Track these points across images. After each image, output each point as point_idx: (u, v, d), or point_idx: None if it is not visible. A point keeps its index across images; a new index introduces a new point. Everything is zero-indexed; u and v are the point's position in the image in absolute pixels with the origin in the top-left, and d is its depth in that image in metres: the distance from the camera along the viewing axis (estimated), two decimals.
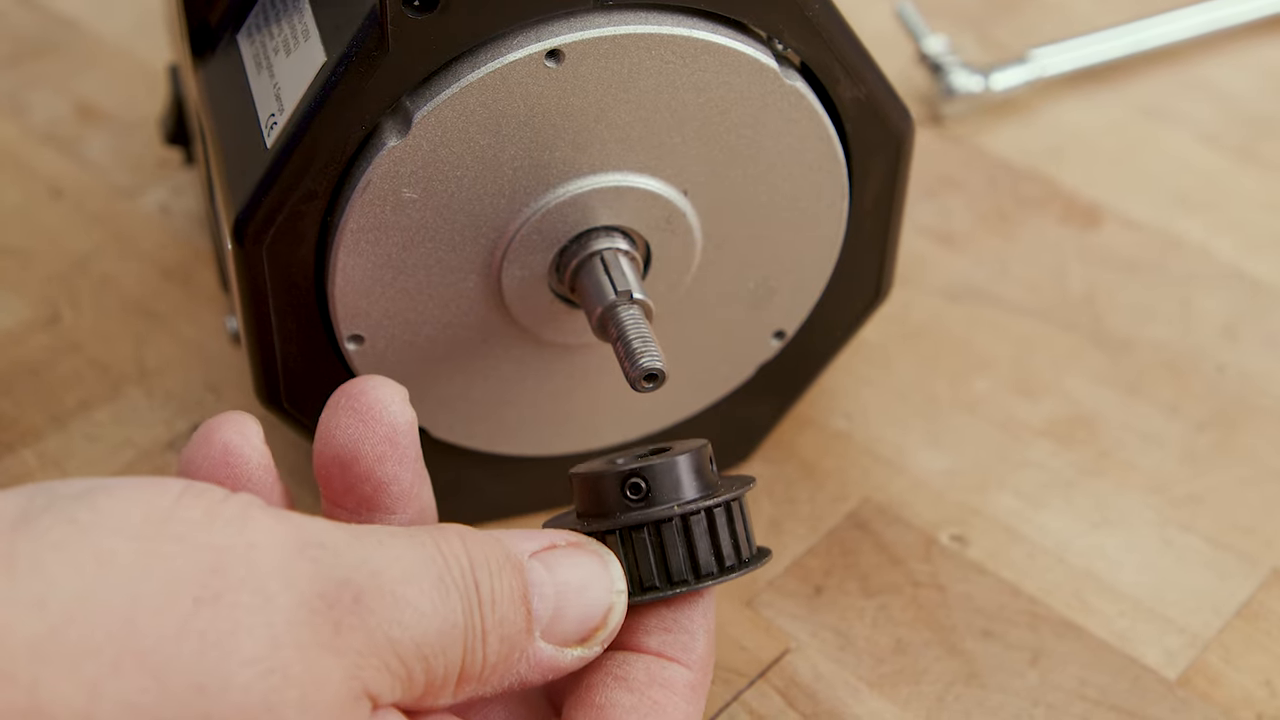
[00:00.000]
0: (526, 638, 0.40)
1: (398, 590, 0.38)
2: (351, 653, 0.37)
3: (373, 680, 0.37)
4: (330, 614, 0.36)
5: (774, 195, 0.52)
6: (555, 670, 0.41)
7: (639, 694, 0.42)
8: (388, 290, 0.49)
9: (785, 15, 0.49)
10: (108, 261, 0.68)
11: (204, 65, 0.53)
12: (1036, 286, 0.67)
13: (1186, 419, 0.62)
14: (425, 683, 0.38)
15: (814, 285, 0.55)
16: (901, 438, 0.61)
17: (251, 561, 0.36)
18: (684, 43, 0.47)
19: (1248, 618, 0.55)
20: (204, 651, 0.34)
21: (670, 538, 0.44)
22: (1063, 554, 0.57)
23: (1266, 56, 0.80)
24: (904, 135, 0.53)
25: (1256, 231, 0.70)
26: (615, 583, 0.42)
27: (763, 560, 0.45)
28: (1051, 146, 0.75)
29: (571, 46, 0.46)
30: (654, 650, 0.44)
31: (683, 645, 0.44)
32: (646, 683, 0.43)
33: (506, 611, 0.40)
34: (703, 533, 0.44)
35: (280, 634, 0.35)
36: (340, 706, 0.36)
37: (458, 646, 0.39)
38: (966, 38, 0.81)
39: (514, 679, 0.41)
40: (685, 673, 0.43)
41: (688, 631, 0.44)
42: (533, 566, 0.41)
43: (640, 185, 0.49)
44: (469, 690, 0.40)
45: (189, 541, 0.35)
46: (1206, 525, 0.58)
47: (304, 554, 0.37)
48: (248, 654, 0.35)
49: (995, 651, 0.54)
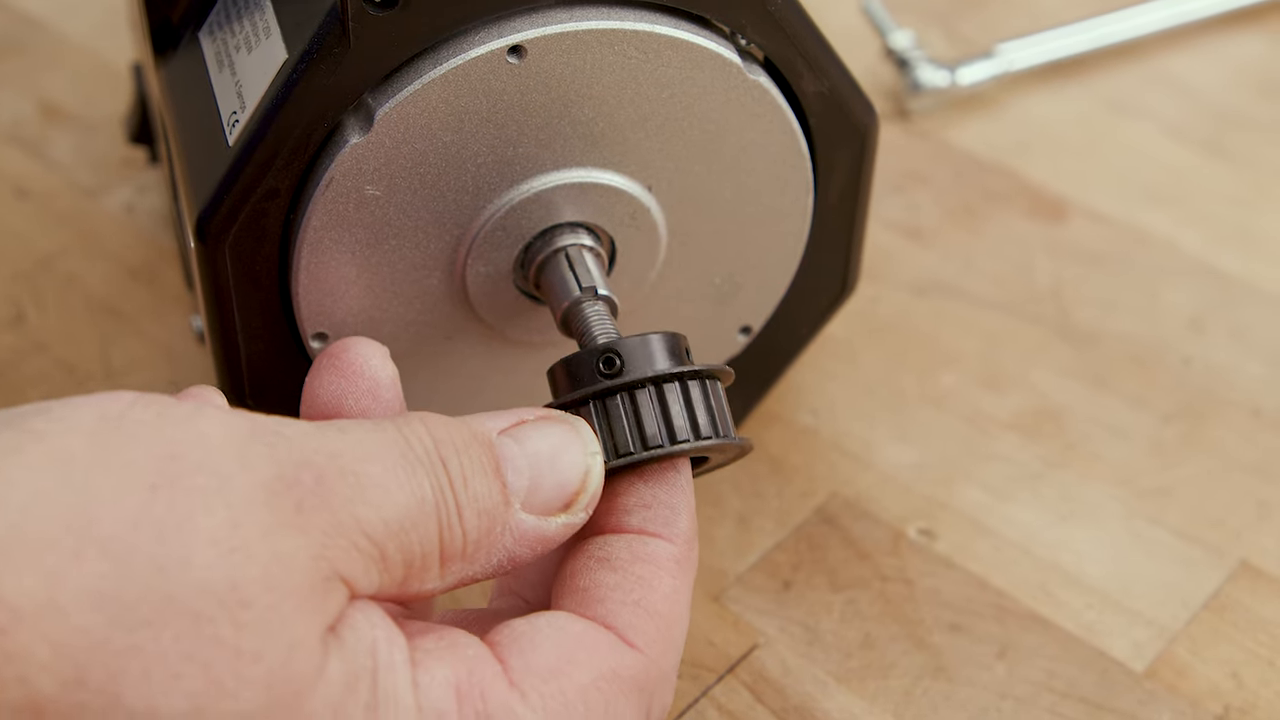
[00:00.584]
0: (505, 510, 0.40)
1: (360, 469, 0.37)
2: (316, 531, 0.36)
3: (343, 562, 0.37)
4: (290, 494, 0.36)
5: (739, 190, 0.52)
6: (542, 541, 0.41)
7: (623, 571, 0.42)
8: (352, 288, 0.49)
9: (748, 10, 0.49)
10: (73, 261, 0.68)
11: (166, 63, 0.53)
12: (1003, 280, 0.68)
13: (1153, 411, 0.62)
14: (403, 563, 0.38)
15: (780, 281, 0.55)
16: (868, 432, 0.61)
17: (206, 448, 0.36)
18: (647, 38, 0.47)
19: (1215, 610, 0.55)
20: (163, 535, 0.34)
21: (645, 403, 0.44)
22: (1030, 547, 0.57)
23: (1232, 50, 0.80)
24: (868, 129, 0.53)
25: (1222, 225, 0.70)
26: (588, 445, 0.42)
27: (740, 442, 0.45)
28: (1018, 141, 0.75)
29: (533, 42, 0.46)
30: (635, 528, 0.43)
31: (664, 520, 0.43)
32: (630, 559, 0.42)
33: (479, 486, 0.39)
34: (677, 400, 0.44)
35: (239, 514, 0.35)
36: (309, 588, 0.36)
37: (431, 522, 0.38)
38: (933, 33, 0.81)
39: (501, 555, 0.40)
40: (669, 547, 0.43)
41: (668, 506, 0.43)
42: (502, 442, 0.41)
43: (604, 181, 0.49)
44: (456, 570, 0.39)
45: (143, 436, 0.36)
46: (1174, 518, 0.58)
47: (259, 439, 0.37)
48: (207, 535, 0.35)
49: (963, 645, 0.54)
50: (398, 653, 0.38)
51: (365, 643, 0.37)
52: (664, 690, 0.42)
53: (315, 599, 0.36)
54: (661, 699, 0.42)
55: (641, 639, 0.41)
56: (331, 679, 0.36)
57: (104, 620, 0.34)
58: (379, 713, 0.37)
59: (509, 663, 0.39)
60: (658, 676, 0.41)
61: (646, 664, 0.41)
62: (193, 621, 0.34)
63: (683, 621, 0.42)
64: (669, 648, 0.42)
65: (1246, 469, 0.60)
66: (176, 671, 0.34)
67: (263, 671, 0.35)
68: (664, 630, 0.42)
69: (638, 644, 0.41)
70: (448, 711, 0.38)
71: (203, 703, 0.34)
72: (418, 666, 0.38)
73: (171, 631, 0.34)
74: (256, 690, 0.35)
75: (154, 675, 0.34)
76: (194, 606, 0.34)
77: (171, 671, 0.34)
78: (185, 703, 0.34)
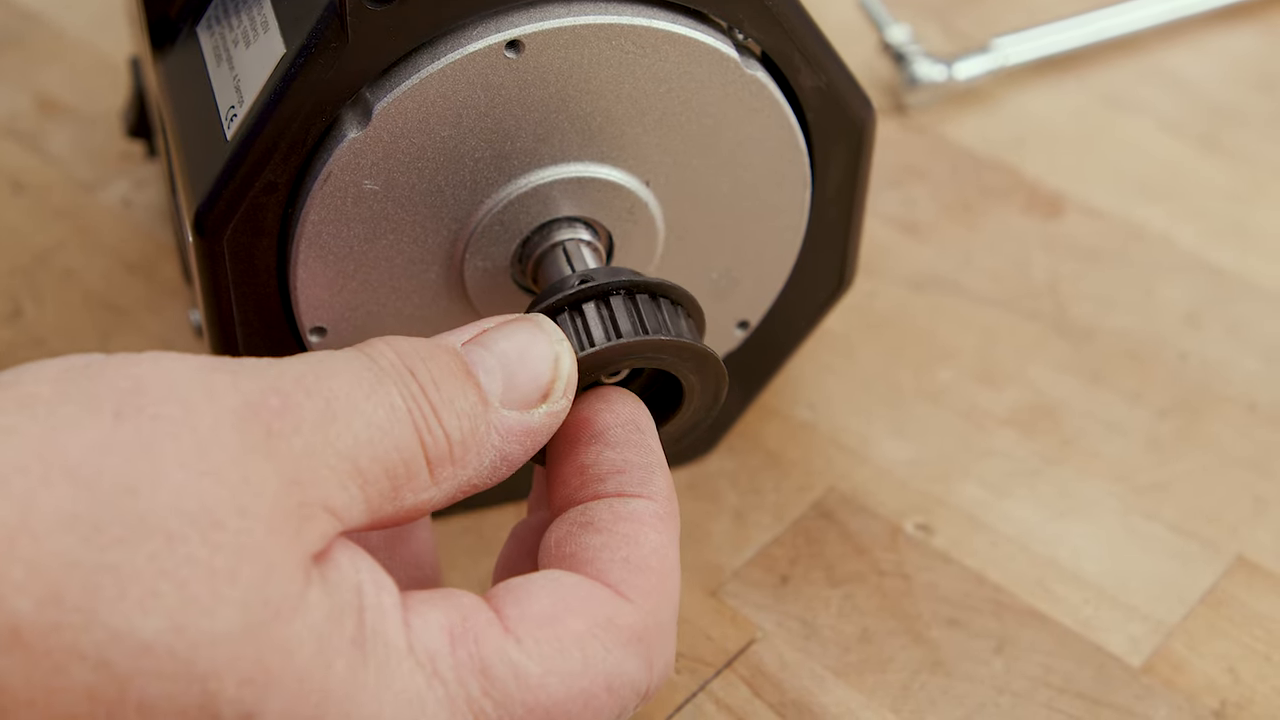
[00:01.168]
0: (485, 409, 0.40)
1: (325, 388, 0.38)
2: (287, 457, 0.36)
3: (318, 486, 0.37)
4: (258, 419, 0.36)
5: (736, 185, 0.52)
6: (529, 433, 0.41)
7: (607, 531, 0.42)
8: (350, 282, 0.49)
9: (745, 5, 0.49)
10: (70, 256, 0.68)
11: (164, 58, 0.53)
12: (1000, 276, 0.68)
13: (1149, 407, 0.62)
14: (384, 474, 0.38)
15: (777, 275, 0.55)
16: (866, 427, 0.61)
17: (170, 381, 0.36)
18: (644, 33, 0.47)
19: (1211, 605, 0.55)
20: (130, 458, 0.35)
21: (619, 306, 0.45)
22: (1027, 542, 0.57)
23: (1228, 45, 0.80)
24: (865, 124, 0.53)
25: (1218, 220, 0.70)
26: (552, 335, 0.42)
27: (710, 350, 0.45)
28: (1014, 136, 0.75)
29: (531, 37, 0.46)
30: (613, 492, 0.43)
31: (640, 480, 0.43)
32: (612, 519, 0.42)
33: (452, 389, 0.40)
34: (649, 305, 0.45)
35: (206, 439, 0.35)
36: (283, 513, 0.36)
37: (406, 429, 0.38)
38: (929, 27, 0.81)
39: (492, 455, 0.40)
40: (649, 504, 0.43)
41: (641, 468, 0.43)
42: (469, 349, 0.41)
43: (602, 176, 0.49)
44: (449, 476, 0.39)
45: (107, 373, 0.36)
46: (1170, 513, 0.58)
47: (222, 370, 0.37)
48: (175, 458, 0.35)
49: (960, 640, 0.54)
50: (386, 595, 0.38)
51: (349, 581, 0.37)
52: (663, 643, 0.42)
53: (291, 524, 0.36)
54: (663, 652, 0.41)
55: (635, 592, 0.41)
56: (313, 608, 0.36)
57: (77, 540, 0.34)
58: (366, 648, 0.37)
59: (504, 612, 0.39)
60: (655, 628, 0.41)
61: (643, 614, 0.41)
62: (166, 540, 0.34)
63: (674, 575, 0.42)
64: (663, 599, 0.42)
65: (1243, 464, 0.60)
66: (152, 589, 0.34)
67: (239, 592, 0.35)
68: (657, 583, 0.42)
69: (631, 596, 0.41)
70: (440, 653, 0.38)
71: (180, 620, 0.34)
72: (409, 610, 0.38)
73: (145, 550, 0.34)
74: (233, 609, 0.35)
75: (130, 593, 0.34)
76: (167, 526, 0.34)
77: (147, 589, 0.34)
78: (163, 620, 0.34)
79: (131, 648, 0.34)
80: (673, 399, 0.47)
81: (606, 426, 0.44)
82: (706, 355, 0.46)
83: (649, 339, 0.45)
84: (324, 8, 0.45)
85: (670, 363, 0.46)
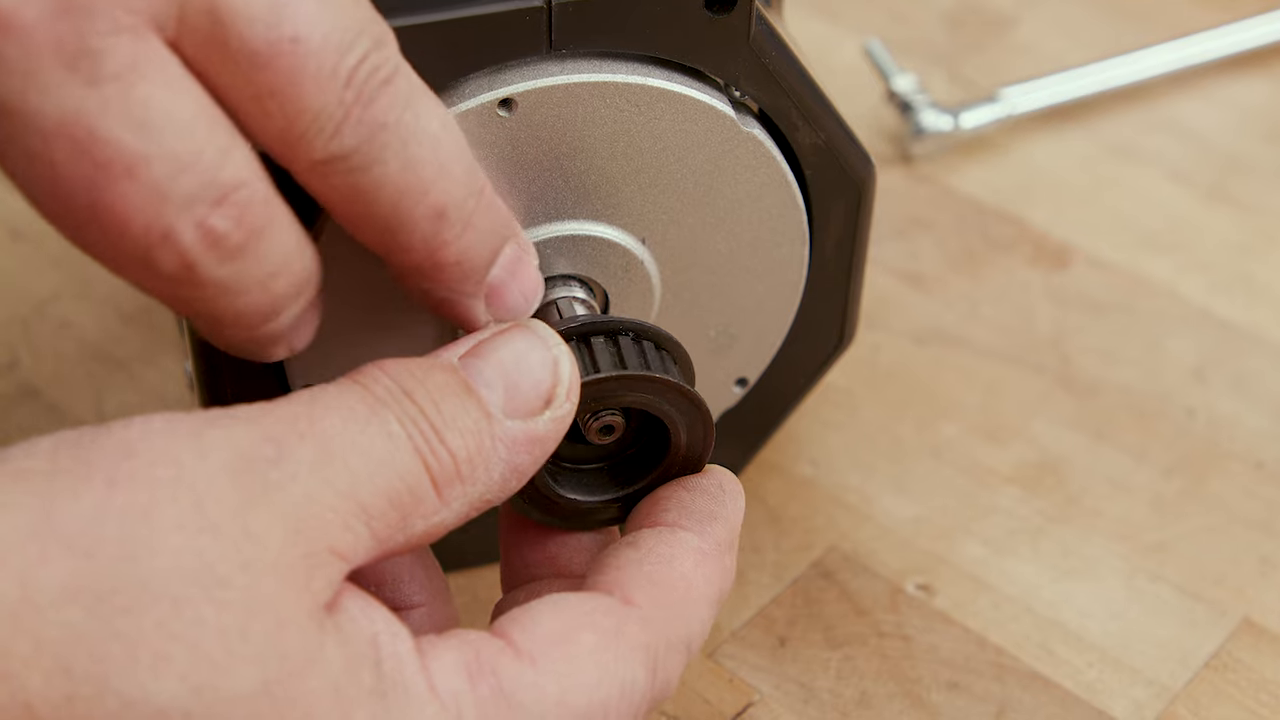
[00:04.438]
0: (489, 422, 0.40)
1: (319, 429, 0.37)
2: (287, 506, 0.36)
3: (322, 532, 0.36)
4: (253, 470, 0.36)
5: (733, 242, 0.51)
6: (536, 442, 0.41)
7: (644, 548, 0.42)
8: (342, 340, 0.48)
9: (742, 62, 0.48)
10: (67, 305, 0.67)
11: None
12: (1005, 328, 0.67)
13: (1155, 465, 0.61)
14: (390, 505, 0.37)
15: (776, 332, 0.54)
16: (867, 484, 0.60)
17: (160, 443, 0.36)
18: (639, 91, 0.47)
19: (1216, 668, 0.54)
20: (127, 525, 0.34)
21: (626, 346, 0.45)
22: (1030, 603, 0.56)
23: (1236, 94, 0.80)
24: (864, 181, 0.52)
25: (1226, 272, 0.70)
26: (549, 339, 0.42)
27: (705, 405, 0.46)
28: (1021, 185, 0.74)
29: (524, 95, 0.46)
30: (668, 523, 0.44)
31: (698, 521, 0.44)
32: (654, 541, 0.43)
33: (454, 407, 0.39)
34: (653, 350, 0.45)
35: (204, 497, 0.35)
36: (290, 565, 0.35)
37: (407, 455, 0.38)
38: (936, 76, 0.80)
39: (501, 467, 0.40)
40: (696, 539, 0.43)
41: (707, 513, 0.44)
42: (466, 363, 0.41)
43: (597, 234, 0.49)
44: (459, 495, 0.39)
45: (98, 442, 0.36)
46: (1175, 574, 0.57)
47: (213, 425, 0.36)
48: (173, 520, 0.35)
49: (961, 704, 0.53)
50: (401, 643, 0.37)
51: (364, 633, 0.37)
52: (668, 659, 0.41)
53: (299, 575, 0.36)
54: (665, 665, 0.41)
55: (643, 598, 0.41)
56: (330, 660, 0.36)
57: (81, 612, 0.34)
58: (388, 698, 0.36)
59: (513, 639, 0.39)
60: (663, 643, 0.41)
61: (651, 624, 0.41)
62: (172, 605, 0.34)
63: (697, 606, 0.42)
64: (676, 620, 0.41)
65: (1249, 524, 0.59)
66: (163, 653, 0.34)
67: (252, 649, 0.35)
68: (673, 600, 0.41)
69: (640, 603, 0.41)
70: (462, 691, 0.37)
71: (197, 682, 0.34)
72: (424, 655, 0.38)
73: (152, 617, 0.34)
74: (249, 667, 0.34)
75: (141, 659, 0.34)
76: (170, 590, 0.34)
77: (158, 654, 0.34)
78: (179, 684, 0.34)
79: (146, 714, 0.34)
80: (655, 455, 0.47)
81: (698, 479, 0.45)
82: (700, 407, 0.46)
83: (654, 376, 0.44)
84: None
85: (663, 408, 0.45)
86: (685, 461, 0.46)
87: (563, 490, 0.46)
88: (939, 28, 0.83)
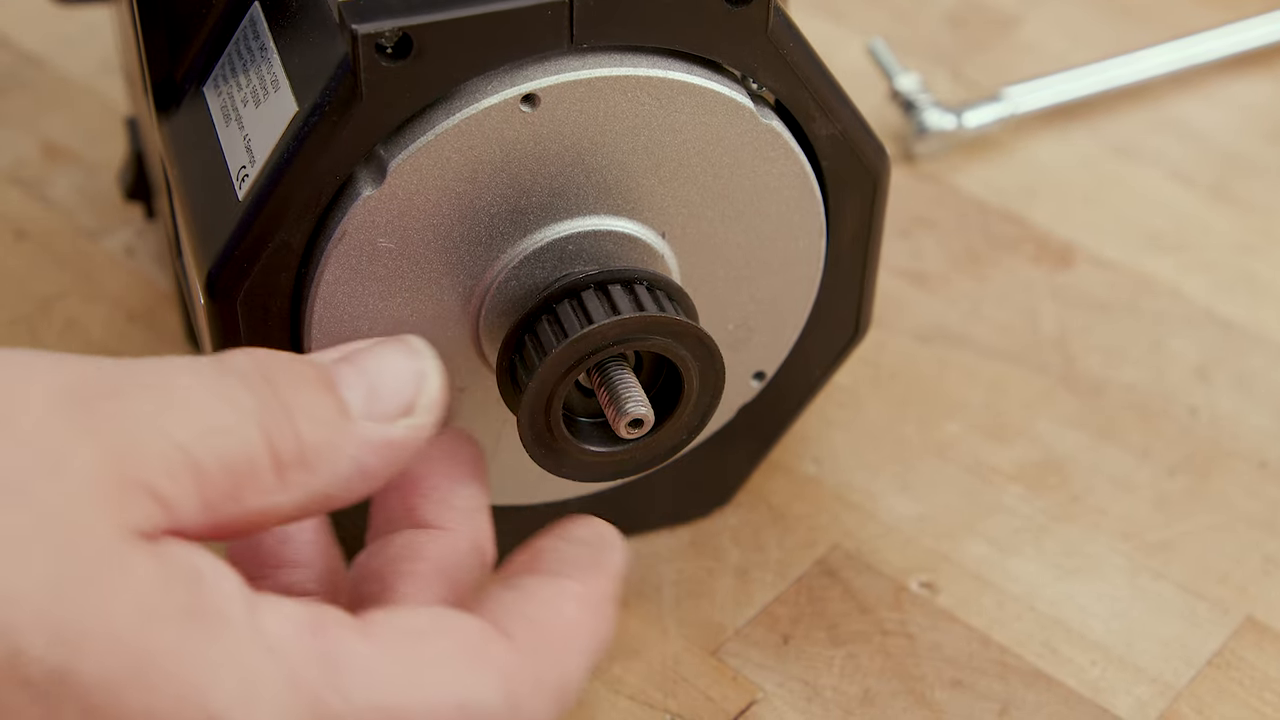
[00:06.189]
0: (344, 419, 0.39)
1: (167, 380, 0.37)
2: (111, 435, 0.36)
3: (144, 470, 0.36)
4: (79, 397, 0.36)
5: (752, 235, 0.51)
6: (389, 446, 0.40)
7: (526, 592, 0.41)
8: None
9: (760, 54, 0.48)
10: (73, 304, 0.68)
11: (168, 119, 0.52)
12: (1008, 328, 0.67)
13: (1158, 463, 0.61)
14: (225, 473, 0.37)
15: (793, 325, 0.54)
16: (871, 483, 0.60)
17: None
18: (659, 84, 0.47)
19: (1220, 667, 0.54)
20: None
21: (642, 293, 0.47)
22: (1033, 602, 0.56)
23: (1240, 94, 0.80)
24: (880, 171, 0.52)
25: (1229, 271, 0.70)
26: (422, 353, 0.42)
27: (705, 332, 0.48)
28: (1024, 185, 0.75)
29: (546, 90, 0.46)
30: (552, 572, 0.42)
31: (578, 568, 0.43)
32: (537, 586, 0.42)
33: (309, 398, 0.39)
34: (667, 300, 0.48)
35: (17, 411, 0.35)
36: (101, 485, 0.35)
37: (251, 426, 0.37)
38: (939, 75, 0.80)
39: (348, 464, 0.39)
40: (576, 586, 0.42)
41: (586, 560, 0.43)
42: (335, 366, 0.41)
43: (618, 229, 0.49)
44: (300, 482, 0.38)
45: None
46: (1178, 572, 0.57)
47: (56, 357, 0.37)
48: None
49: (965, 702, 0.53)
50: (228, 580, 0.37)
51: (186, 560, 0.36)
52: (537, 699, 0.40)
53: (110, 496, 0.35)
54: (531, 705, 0.39)
55: (520, 633, 0.40)
56: (136, 573, 0.35)
57: None
58: (204, 620, 0.36)
59: (371, 618, 0.38)
60: (530, 676, 0.39)
61: (520, 654, 0.40)
62: None
63: (576, 654, 0.41)
64: (551, 659, 0.40)
65: (1253, 522, 0.59)
66: None
67: (44, 550, 0.34)
68: (550, 642, 0.40)
69: (516, 637, 0.40)
70: (285, 637, 0.37)
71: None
72: (259, 601, 0.37)
73: None
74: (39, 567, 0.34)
75: None
76: None
77: None
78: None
79: None
80: (672, 397, 0.48)
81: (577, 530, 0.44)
82: (713, 352, 0.47)
83: (670, 318, 0.46)
84: (337, 65, 0.45)
85: (679, 353, 0.47)
86: (701, 397, 0.48)
87: (578, 441, 0.48)
88: (942, 27, 0.84)
